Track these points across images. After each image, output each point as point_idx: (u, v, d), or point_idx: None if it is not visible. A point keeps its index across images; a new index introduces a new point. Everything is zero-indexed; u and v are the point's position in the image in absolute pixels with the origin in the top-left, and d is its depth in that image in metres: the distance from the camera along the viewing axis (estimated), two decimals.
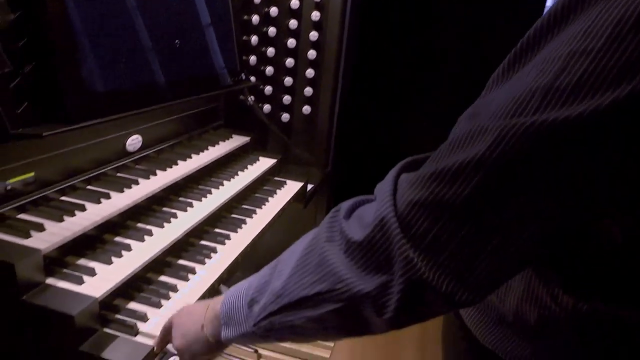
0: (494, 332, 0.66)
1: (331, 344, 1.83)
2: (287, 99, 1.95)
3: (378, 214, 0.52)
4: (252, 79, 1.87)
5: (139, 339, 0.90)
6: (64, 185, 1.15)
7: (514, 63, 0.48)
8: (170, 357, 1.81)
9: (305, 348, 1.86)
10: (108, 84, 1.08)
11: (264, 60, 1.91)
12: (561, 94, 0.41)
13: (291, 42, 1.88)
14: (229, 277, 1.52)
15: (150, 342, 0.90)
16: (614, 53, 0.38)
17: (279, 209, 1.52)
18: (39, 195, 1.08)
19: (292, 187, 1.70)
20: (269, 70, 1.91)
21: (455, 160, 0.47)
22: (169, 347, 1.62)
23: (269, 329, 0.63)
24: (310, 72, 1.91)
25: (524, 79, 0.44)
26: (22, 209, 1.04)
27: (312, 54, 1.90)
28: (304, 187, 1.76)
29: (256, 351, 1.84)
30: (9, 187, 1.01)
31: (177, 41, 1.33)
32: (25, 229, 0.95)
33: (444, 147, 0.50)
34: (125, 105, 1.13)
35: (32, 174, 1.06)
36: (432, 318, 0.54)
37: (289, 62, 1.90)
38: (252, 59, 1.89)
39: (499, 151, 0.44)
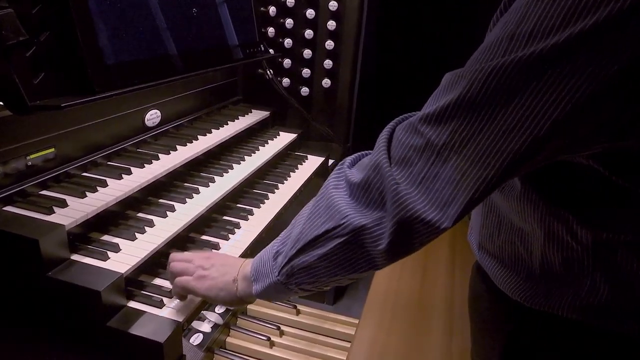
0: (525, 287, 0.68)
1: (347, 345, 1.82)
2: (306, 72, 1.89)
3: (374, 159, 0.61)
4: (271, 51, 1.81)
5: (165, 314, 0.89)
6: (85, 161, 1.13)
7: (492, 25, 0.56)
8: (195, 333, 1.82)
9: (319, 349, 1.86)
10: (126, 54, 1.04)
11: (282, 31, 1.85)
12: (521, 39, 0.48)
13: (310, 13, 1.81)
14: (253, 253, 1.49)
15: (178, 318, 0.88)
16: (558, 3, 0.45)
17: (301, 184, 1.49)
18: (60, 171, 1.06)
19: (313, 162, 1.67)
20: (288, 42, 1.85)
21: (437, 105, 0.54)
22: (192, 323, 1.61)
23: (290, 274, 0.71)
24: (330, 44, 1.85)
25: (494, 32, 0.52)
26: (43, 185, 1.02)
27: (331, 24, 1.83)
28: (325, 162, 1.72)
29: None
30: (29, 163, 1.00)
31: (194, 10, 1.28)
32: (47, 205, 0.94)
33: (431, 97, 0.58)
34: (145, 76, 1.09)
35: (53, 149, 1.04)
36: (419, 248, 0.60)
37: (308, 33, 1.84)
38: (271, 30, 1.83)
39: (471, 92, 0.51)
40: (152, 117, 1.33)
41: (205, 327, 1.79)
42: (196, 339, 1.74)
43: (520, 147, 0.50)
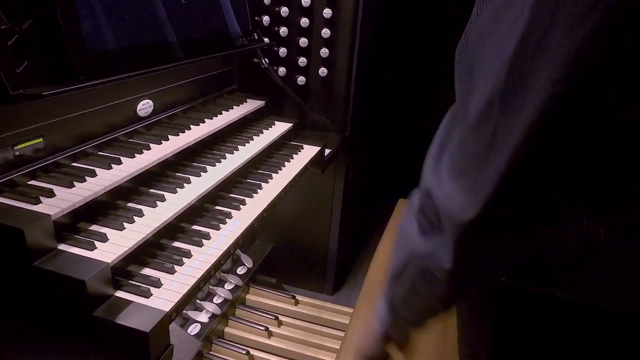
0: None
1: (336, 347, 1.80)
2: (302, 60, 1.87)
3: (423, 185, 0.63)
4: (266, 40, 1.80)
5: (152, 304, 0.89)
6: (76, 151, 1.12)
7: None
8: (193, 323, 1.82)
9: (309, 352, 1.86)
10: (113, 41, 1.03)
11: (277, 20, 1.83)
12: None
13: (305, 1, 1.79)
14: (245, 242, 1.48)
15: (165, 308, 0.88)
16: None
17: (295, 174, 1.48)
18: (49, 161, 1.06)
19: (309, 152, 1.66)
20: (283, 30, 1.83)
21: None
22: (189, 313, 1.61)
23: (390, 308, 0.73)
24: (326, 32, 1.83)
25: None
26: (32, 175, 1.02)
27: (327, 12, 1.81)
28: (321, 152, 1.71)
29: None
30: (17, 153, 0.99)
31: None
32: (34, 195, 0.93)
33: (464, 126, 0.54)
34: (132, 65, 1.08)
35: (41, 139, 1.04)
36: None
37: (304, 21, 1.82)
38: (265, 19, 1.81)
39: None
40: (144, 107, 1.32)
41: (203, 317, 1.79)
42: (194, 329, 1.75)
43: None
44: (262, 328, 1.89)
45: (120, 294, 0.90)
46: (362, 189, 2.50)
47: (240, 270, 2.06)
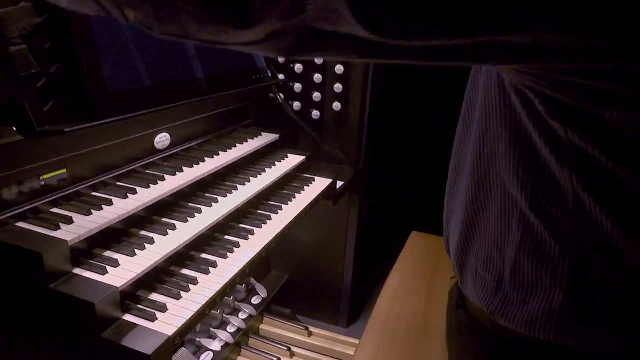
0: (495, 300, 0.65)
1: None
2: (317, 95, 1.95)
3: None
4: (281, 76, 1.88)
5: (157, 328, 0.93)
6: (96, 181, 1.20)
7: None
8: (205, 351, 1.84)
9: None
10: (129, 83, 1.12)
11: None
12: None
13: None
14: (260, 272, 1.50)
15: (168, 332, 0.92)
16: None
17: (305, 205, 1.52)
18: (71, 191, 1.14)
19: (320, 184, 1.70)
20: (298, 67, 1.92)
21: None
22: (202, 341, 1.64)
23: None
24: (339, 68, 1.90)
25: None
26: (54, 203, 1.10)
27: None
28: (333, 184, 1.75)
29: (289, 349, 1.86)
30: (43, 183, 1.08)
31: None
32: (55, 222, 1.01)
33: None
34: (147, 103, 1.16)
35: (65, 170, 1.12)
36: None
37: (318, 59, 1.90)
38: None
39: None
40: (162, 140, 1.40)
41: (216, 345, 1.82)
42: (206, 357, 1.78)
43: None
44: (275, 359, 1.90)
45: (127, 317, 0.95)
46: (376, 222, 2.51)
47: (255, 300, 2.09)
